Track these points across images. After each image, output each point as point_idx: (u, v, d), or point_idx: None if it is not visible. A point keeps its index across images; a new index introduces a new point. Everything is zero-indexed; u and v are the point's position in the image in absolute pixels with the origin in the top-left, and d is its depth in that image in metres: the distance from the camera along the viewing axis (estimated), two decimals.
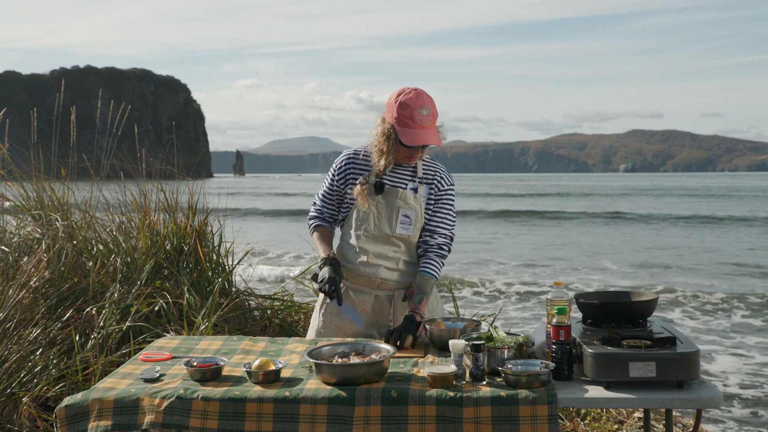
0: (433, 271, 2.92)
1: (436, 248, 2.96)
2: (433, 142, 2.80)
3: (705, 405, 2.20)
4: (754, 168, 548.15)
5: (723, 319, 9.42)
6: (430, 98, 2.85)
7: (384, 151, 2.85)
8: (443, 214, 2.99)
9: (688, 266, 14.95)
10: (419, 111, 2.77)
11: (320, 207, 3.10)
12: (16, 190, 5.51)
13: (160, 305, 4.43)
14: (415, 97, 2.80)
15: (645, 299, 2.68)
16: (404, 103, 2.79)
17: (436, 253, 2.96)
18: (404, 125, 2.79)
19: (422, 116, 2.78)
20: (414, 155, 2.87)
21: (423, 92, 2.83)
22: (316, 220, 3.10)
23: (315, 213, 3.12)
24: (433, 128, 2.82)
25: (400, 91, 2.85)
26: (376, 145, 2.89)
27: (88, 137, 8.09)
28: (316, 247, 3.05)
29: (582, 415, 4.28)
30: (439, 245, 2.97)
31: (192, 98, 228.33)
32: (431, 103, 2.83)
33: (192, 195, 5.10)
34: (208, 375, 2.34)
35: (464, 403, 2.14)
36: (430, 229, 2.97)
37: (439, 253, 2.97)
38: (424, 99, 2.81)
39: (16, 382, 3.57)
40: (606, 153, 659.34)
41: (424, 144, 2.80)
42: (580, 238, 22.17)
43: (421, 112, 2.77)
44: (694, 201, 46.27)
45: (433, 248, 2.96)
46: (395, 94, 2.85)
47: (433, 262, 2.94)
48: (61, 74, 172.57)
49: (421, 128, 2.78)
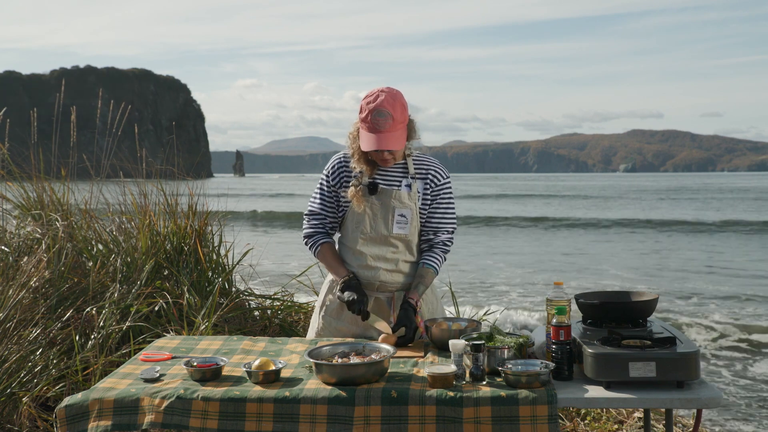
0: (435, 264, 2.96)
1: (441, 245, 3.00)
2: (386, 146, 2.75)
3: (705, 405, 2.20)
4: (754, 168, 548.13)
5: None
6: (395, 100, 2.77)
7: (354, 153, 2.90)
8: (444, 210, 2.98)
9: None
10: (375, 116, 2.74)
11: (321, 217, 3.01)
12: (16, 190, 5.51)
13: (160, 305, 4.43)
14: (374, 100, 2.76)
15: (645, 299, 2.68)
16: (363, 107, 2.80)
17: (441, 249, 3.00)
18: (364, 129, 2.80)
19: (378, 120, 2.74)
20: (384, 157, 2.84)
21: (388, 95, 2.77)
22: (318, 236, 3.00)
23: (312, 229, 3.02)
24: (393, 131, 2.76)
25: (368, 93, 2.83)
26: (351, 147, 2.91)
27: (88, 137, 8.09)
28: (327, 267, 2.99)
29: (582, 415, 4.28)
30: (443, 242, 3.00)
31: (192, 98, 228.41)
32: (392, 106, 2.76)
33: (192, 195, 5.09)
34: (208, 375, 2.34)
35: (464, 403, 2.13)
36: (433, 228, 2.98)
37: (443, 249, 3.00)
38: (384, 103, 2.75)
39: (16, 382, 3.57)
40: (606, 153, 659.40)
41: (375, 149, 2.76)
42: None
43: (377, 117, 2.74)
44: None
45: (438, 245, 2.99)
46: (364, 96, 2.85)
47: (435, 256, 2.97)
48: (61, 74, 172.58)
49: (377, 132, 2.75)
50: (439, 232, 2.98)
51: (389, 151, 2.83)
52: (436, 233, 2.98)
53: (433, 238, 2.98)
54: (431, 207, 2.97)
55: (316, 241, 3.00)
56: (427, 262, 2.95)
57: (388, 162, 2.88)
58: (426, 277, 2.92)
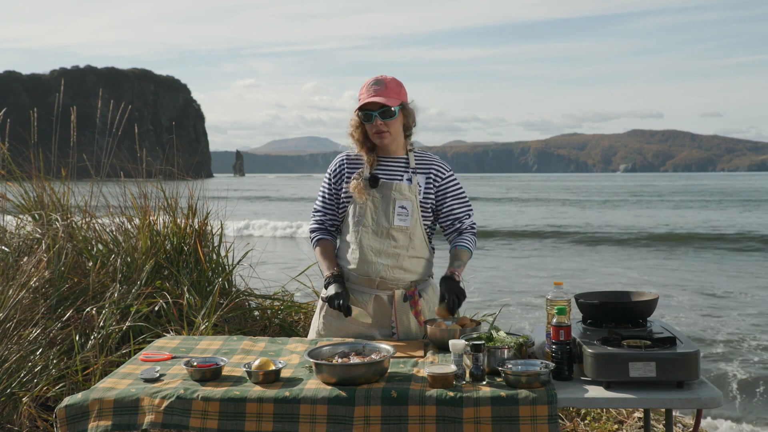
0: (468, 245, 3.04)
1: (469, 228, 3.09)
2: (381, 99, 2.85)
3: (705, 405, 2.20)
4: (754, 168, 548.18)
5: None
6: (391, 79, 2.94)
7: (357, 139, 2.98)
8: (458, 199, 3.07)
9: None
10: (370, 85, 2.90)
11: (321, 214, 3.11)
12: (16, 190, 5.51)
13: (160, 305, 4.42)
14: (371, 79, 2.94)
15: (645, 299, 2.68)
16: (362, 87, 2.95)
17: (470, 232, 3.09)
18: (360, 101, 2.91)
19: (372, 88, 2.89)
20: (379, 130, 2.89)
21: (383, 76, 2.94)
22: (318, 233, 3.10)
23: (316, 224, 3.12)
24: (386, 95, 2.88)
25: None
26: (351, 136, 3.00)
27: (88, 137, 8.09)
28: (319, 262, 3.07)
29: (582, 415, 4.28)
30: (470, 226, 3.09)
31: (192, 98, 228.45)
32: (387, 79, 2.92)
33: (192, 195, 5.09)
34: (208, 375, 2.34)
35: (464, 403, 2.14)
36: (456, 216, 3.06)
37: (472, 231, 3.10)
38: (378, 77, 2.93)
39: (16, 382, 3.57)
40: (606, 153, 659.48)
41: (370, 100, 2.85)
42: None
43: (373, 85, 2.89)
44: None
45: (466, 230, 3.08)
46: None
47: (467, 239, 3.06)
48: (61, 74, 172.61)
49: (373, 96, 2.88)
50: (463, 218, 3.07)
51: (385, 125, 2.88)
52: (461, 220, 3.07)
53: (460, 226, 3.07)
54: (445, 200, 3.04)
55: (316, 236, 3.10)
56: (460, 244, 3.03)
57: (384, 138, 2.91)
58: (462, 255, 2.99)
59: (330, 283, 2.91)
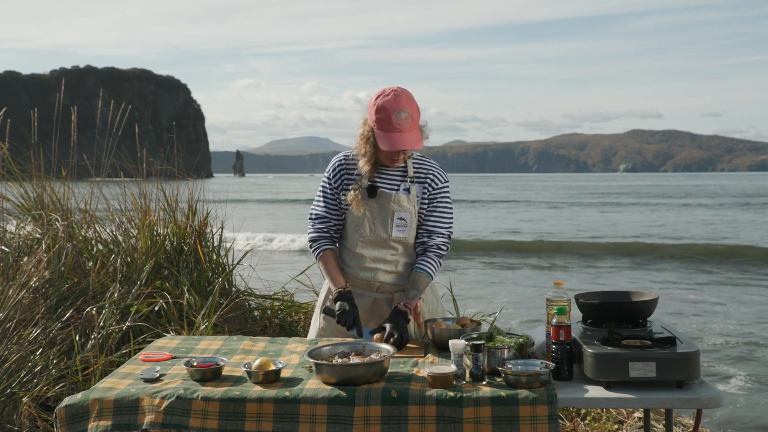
0: (430, 269, 2.89)
1: (435, 248, 2.93)
2: (411, 146, 2.73)
3: (705, 405, 2.20)
4: (754, 168, 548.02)
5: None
6: (410, 99, 2.77)
7: (365, 154, 2.83)
8: (440, 213, 2.94)
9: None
10: (397, 115, 2.71)
11: (325, 221, 2.98)
12: (16, 190, 5.51)
13: (160, 305, 4.42)
14: (393, 99, 2.72)
15: (645, 299, 2.68)
16: (382, 107, 2.73)
17: (435, 252, 2.92)
18: (382, 129, 2.73)
19: (400, 120, 2.71)
20: (396, 158, 2.82)
21: (403, 93, 2.75)
22: (321, 241, 2.97)
23: (317, 233, 2.98)
24: (412, 131, 2.75)
25: (380, 92, 2.78)
26: (358, 149, 2.85)
27: (88, 137, 8.09)
28: (325, 276, 2.96)
29: (582, 415, 4.28)
30: (438, 245, 2.93)
31: (192, 98, 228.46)
32: (410, 105, 2.75)
33: (192, 195, 5.09)
34: (208, 375, 2.34)
35: (464, 403, 2.13)
36: (428, 230, 2.93)
37: (438, 252, 2.93)
38: (402, 102, 2.73)
39: (16, 382, 3.57)
40: (606, 153, 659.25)
41: (402, 149, 2.74)
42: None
43: (399, 116, 2.71)
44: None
45: (432, 248, 2.92)
46: (375, 95, 2.79)
47: (430, 261, 2.90)
48: (61, 74, 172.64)
49: (398, 132, 2.72)
50: (434, 235, 2.92)
51: (403, 151, 2.81)
52: (431, 236, 2.92)
53: (428, 241, 2.92)
54: (428, 209, 2.94)
55: (320, 245, 2.97)
56: (420, 267, 2.88)
57: (398, 162, 2.85)
58: (419, 282, 2.86)
59: (338, 299, 2.83)
